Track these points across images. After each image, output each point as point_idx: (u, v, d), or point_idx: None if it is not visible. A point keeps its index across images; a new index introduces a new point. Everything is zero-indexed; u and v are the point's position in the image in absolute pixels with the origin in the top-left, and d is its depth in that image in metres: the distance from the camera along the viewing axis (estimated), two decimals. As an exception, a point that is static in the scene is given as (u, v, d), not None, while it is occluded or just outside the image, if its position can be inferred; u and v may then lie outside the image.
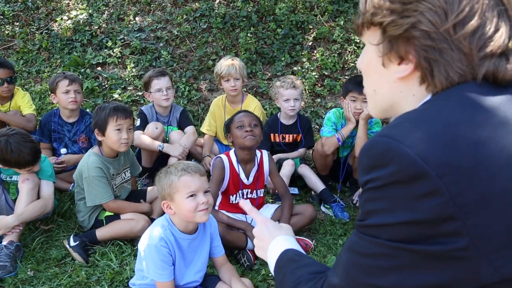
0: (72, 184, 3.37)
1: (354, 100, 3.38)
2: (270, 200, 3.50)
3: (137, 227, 2.79)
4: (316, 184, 3.57)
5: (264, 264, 2.72)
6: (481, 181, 0.69)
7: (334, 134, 3.46)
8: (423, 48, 0.81)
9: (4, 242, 2.63)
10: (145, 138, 3.60)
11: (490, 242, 0.69)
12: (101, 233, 2.83)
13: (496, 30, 0.78)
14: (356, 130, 3.40)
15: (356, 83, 3.38)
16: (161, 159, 3.66)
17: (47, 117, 3.70)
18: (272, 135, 3.81)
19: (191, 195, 2.04)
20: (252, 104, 3.91)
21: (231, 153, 2.97)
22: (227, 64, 3.81)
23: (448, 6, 0.79)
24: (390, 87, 0.89)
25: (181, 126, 3.86)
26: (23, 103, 3.88)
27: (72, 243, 2.71)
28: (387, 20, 0.84)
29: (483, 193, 0.69)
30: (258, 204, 3.05)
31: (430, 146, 0.71)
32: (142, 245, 2.12)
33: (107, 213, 2.92)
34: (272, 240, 1.15)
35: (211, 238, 2.27)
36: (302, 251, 1.12)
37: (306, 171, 3.64)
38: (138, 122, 3.72)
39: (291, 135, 3.83)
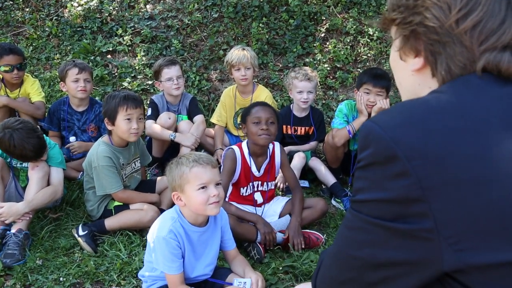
0: (81, 172, 3.35)
1: (367, 93, 3.32)
2: (281, 193, 3.46)
3: (146, 217, 2.77)
4: (327, 177, 3.52)
5: (274, 257, 2.69)
6: (449, 168, 0.71)
7: (345, 126, 3.40)
8: (430, 42, 0.84)
9: (13, 230, 2.62)
10: (156, 128, 3.57)
11: (451, 227, 0.72)
12: (110, 222, 2.80)
13: (502, 23, 0.79)
14: (369, 123, 3.34)
15: (371, 76, 3.32)
16: (172, 149, 3.62)
17: (56, 105, 3.67)
18: (284, 127, 3.76)
19: (202, 187, 2.00)
20: (263, 94, 3.85)
21: (243, 144, 2.92)
22: (238, 53, 3.76)
23: (452, 0, 0.81)
24: (410, 80, 0.93)
25: (191, 115, 3.82)
26: (33, 90, 3.85)
27: (81, 232, 2.70)
28: (399, 17, 0.88)
29: (449, 179, 0.71)
30: (268, 196, 3.01)
31: (405, 131, 0.75)
32: (151, 236, 2.09)
33: (116, 203, 2.89)
34: None
35: (222, 231, 2.23)
36: None
37: (317, 164, 3.59)
38: (149, 111, 3.68)
39: (303, 128, 3.78)
